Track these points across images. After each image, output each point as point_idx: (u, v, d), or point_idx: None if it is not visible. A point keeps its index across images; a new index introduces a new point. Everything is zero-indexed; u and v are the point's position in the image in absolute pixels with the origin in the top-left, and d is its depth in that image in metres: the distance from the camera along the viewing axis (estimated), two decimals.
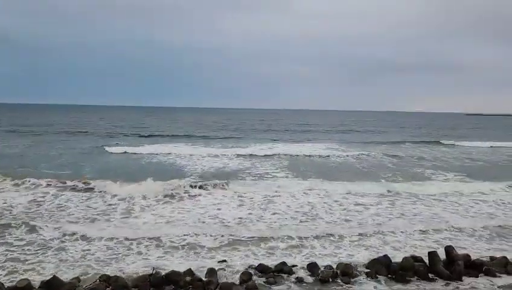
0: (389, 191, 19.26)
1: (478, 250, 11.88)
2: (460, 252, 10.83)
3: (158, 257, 11.04)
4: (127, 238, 12.20)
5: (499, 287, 9.48)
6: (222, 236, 12.63)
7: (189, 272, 9.60)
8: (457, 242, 12.38)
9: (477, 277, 9.97)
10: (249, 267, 10.22)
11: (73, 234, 12.47)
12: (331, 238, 12.70)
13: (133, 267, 10.31)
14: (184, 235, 12.62)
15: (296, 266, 10.38)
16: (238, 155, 31.05)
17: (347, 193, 18.56)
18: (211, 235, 12.65)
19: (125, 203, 16.22)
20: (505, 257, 10.82)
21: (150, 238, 12.24)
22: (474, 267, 10.26)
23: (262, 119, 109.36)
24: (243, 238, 12.49)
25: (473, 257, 10.73)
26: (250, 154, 31.50)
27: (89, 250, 11.33)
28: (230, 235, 12.76)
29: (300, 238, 12.64)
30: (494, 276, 9.97)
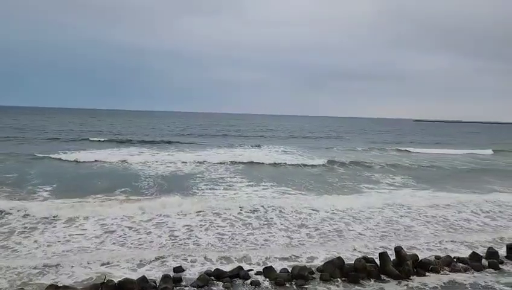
0: (339, 195, 19.76)
1: (429, 250, 12.45)
2: (410, 252, 11.35)
3: (102, 264, 10.57)
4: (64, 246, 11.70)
5: (444, 283, 10.02)
6: (173, 244, 12.32)
7: (143, 279, 9.34)
8: (407, 242, 12.92)
9: (424, 275, 10.48)
10: (204, 272, 10.10)
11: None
12: (288, 243, 12.83)
13: (74, 275, 9.84)
14: (130, 243, 12.19)
15: (252, 270, 10.40)
16: (195, 161, 30.30)
17: (300, 198, 18.85)
18: (161, 243, 12.34)
19: (69, 210, 15.29)
20: (449, 256, 11.48)
21: (91, 248, 11.75)
22: (422, 267, 10.78)
23: (220, 124, 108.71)
24: (196, 245, 12.27)
25: (422, 256, 11.28)
26: (205, 160, 30.87)
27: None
28: (182, 242, 12.47)
29: (256, 243, 12.66)
30: (440, 274, 10.53)
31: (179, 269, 10.39)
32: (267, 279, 9.94)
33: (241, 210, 16.19)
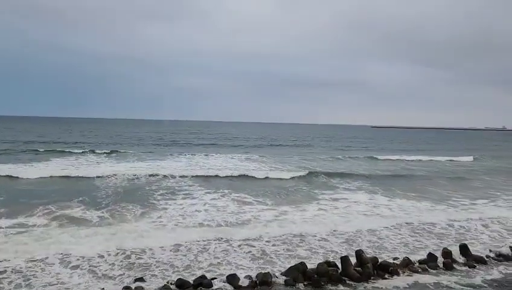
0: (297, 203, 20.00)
1: (391, 252, 12.82)
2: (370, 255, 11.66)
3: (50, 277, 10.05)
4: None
5: (408, 284, 10.28)
6: (129, 256, 11.83)
7: None
8: (372, 246, 13.29)
9: (384, 277, 10.75)
10: (167, 282, 9.90)
11: None
12: (251, 250, 12.77)
13: None
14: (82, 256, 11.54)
15: (216, 278, 10.29)
16: (153, 171, 28.72)
17: (260, 208, 18.81)
18: (122, 255, 11.91)
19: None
20: (407, 257, 11.87)
21: (36, 260, 11.06)
22: (382, 269, 11.07)
23: (181, 131, 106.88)
24: (156, 255, 11.95)
25: (383, 258, 11.63)
26: (165, 170, 29.34)
27: None
28: (139, 256, 11.96)
29: (217, 251, 12.51)
30: (399, 275, 10.86)
31: (140, 280, 10.11)
32: (232, 287, 9.87)
33: (200, 221, 15.90)
